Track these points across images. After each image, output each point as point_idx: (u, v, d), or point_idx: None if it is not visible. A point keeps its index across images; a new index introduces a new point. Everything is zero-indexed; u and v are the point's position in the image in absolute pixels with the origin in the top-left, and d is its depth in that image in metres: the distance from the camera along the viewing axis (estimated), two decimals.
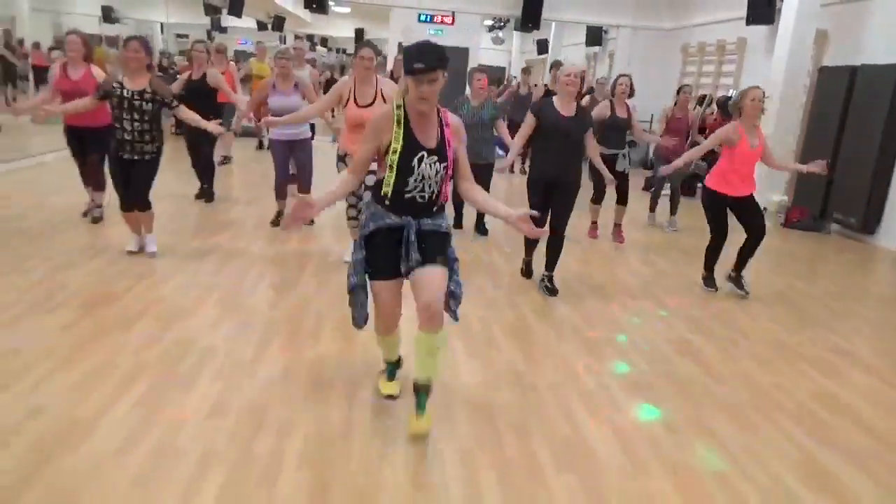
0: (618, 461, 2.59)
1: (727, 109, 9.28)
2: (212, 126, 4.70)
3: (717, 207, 4.79)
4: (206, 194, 6.68)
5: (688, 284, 5.11)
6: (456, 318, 2.73)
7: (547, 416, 2.90)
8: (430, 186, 2.52)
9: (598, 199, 6.33)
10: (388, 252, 2.57)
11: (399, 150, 2.47)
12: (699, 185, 9.35)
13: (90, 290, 3.96)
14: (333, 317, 3.79)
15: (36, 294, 3.81)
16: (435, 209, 2.61)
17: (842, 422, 3.09)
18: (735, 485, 2.49)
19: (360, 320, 2.73)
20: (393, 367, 2.99)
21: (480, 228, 6.22)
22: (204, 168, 6.68)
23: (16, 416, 2.55)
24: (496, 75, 20.01)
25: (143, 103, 4.37)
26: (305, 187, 5.77)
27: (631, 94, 6.16)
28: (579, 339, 3.84)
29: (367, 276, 2.65)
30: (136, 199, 4.54)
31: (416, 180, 2.49)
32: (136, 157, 4.43)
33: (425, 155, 2.49)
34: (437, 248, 2.58)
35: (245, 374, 3.07)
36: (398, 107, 2.50)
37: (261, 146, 10.28)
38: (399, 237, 2.55)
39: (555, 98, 4.49)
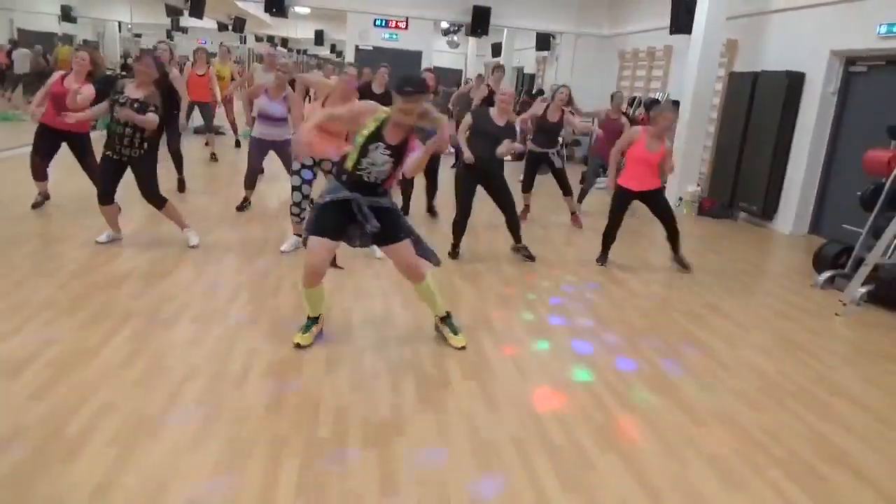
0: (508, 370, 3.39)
1: (653, 108, 10.35)
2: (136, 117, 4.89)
3: (620, 199, 5.55)
4: (179, 184, 7.18)
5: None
6: (436, 263, 3.61)
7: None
8: (377, 171, 3.24)
9: (526, 186, 7.17)
10: (334, 217, 3.28)
11: (367, 134, 3.19)
12: None
13: (82, 263, 4.60)
14: (291, 277, 4.51)
15: (36, 262, 4.45)
16: (379, 191, 3.33)
17: (692, 351, 3.95)
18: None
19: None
20: (312, 323, 3.51)
21: (431, 211, 7.01)
22: (174, 158, 7.16)
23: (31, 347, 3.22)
24: (454, 78, 20.87)
25: (136, 111, 4.65)
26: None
27: (568, 104, 6.99)
28: (496, 297, 4.64)
29: (308, 233, 3.32)
30: (148, 199, 4.96)
31: (368, 162, 3.20)
32: (124, 158, 4.77)
33: (382, 146, 3.22)
34: (397, 227, 3.41)
35: (218, 319, 3.77)
36: (385, 112, 3.23)
37: (238, 144, 10.82)
38: (348, 210, 3.25)
39: (492, 109, 5.32)
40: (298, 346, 3.44)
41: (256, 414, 2.78)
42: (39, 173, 5.86)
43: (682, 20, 9.88)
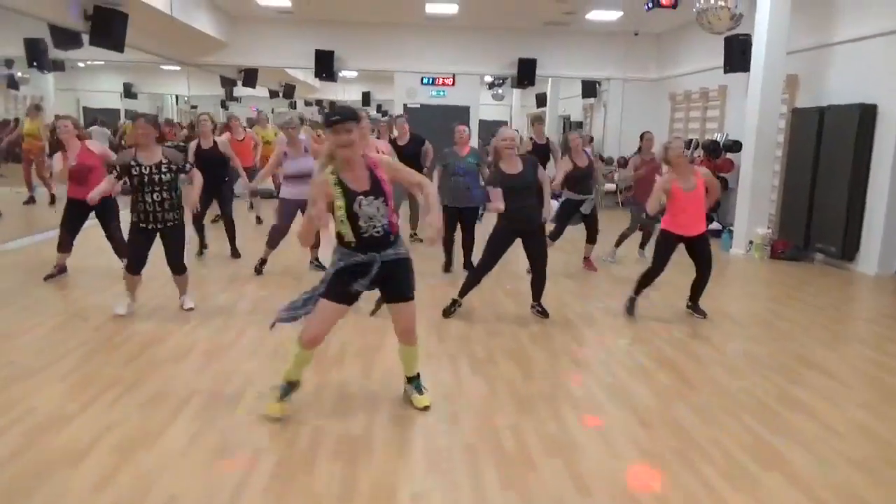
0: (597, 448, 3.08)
1: (711, 150, 10.03)
2: (189, 209, 5.16)
3: (668, 244, 5.20)
4: (233, 253, 7.24)
5: (670, 309, 5.62)
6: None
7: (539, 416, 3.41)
8: (379, 221, 3.07)
9: (554, 236, 6.93)
10: (346, 284, 3.12)
11: (340, 202, 3.02)
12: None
13: (144, 336, 4.54)
14: (355, 343, 4.34)
15: (99, 337, 4.40)
16: (392, 239, 3.17)
17: (796, 415, 3.56)
18: (695, 463, 2.97)
19: (288, 320, 3.24)
20: (289, 389, 3.32)
21: (468, 265, 6.78)
22: (226, 224, 7.25)
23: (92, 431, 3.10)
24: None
25: (161, 175, 4.70)
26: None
27: (586, 144, 6.86)
28: (569, 359, 4.36)
29: (321, 296, 3.14)
30: (173, 265, 4.97)
31: (365, 221, 3.04)
32: (158, 226, 4.79)
33: (362, 198, 3.05)
34: (405, 285, 3.26)
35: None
36: (332, 172, 3.06)
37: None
38: (364, 271, 3.12)
39: (501, 163, 4.94)
40: (276, 418, 3.26)
41: None
42: (65, 245, 5.97)
43: (736, 59, 9.66)
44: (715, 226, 9.94)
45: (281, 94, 22.48)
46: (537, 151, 8.85)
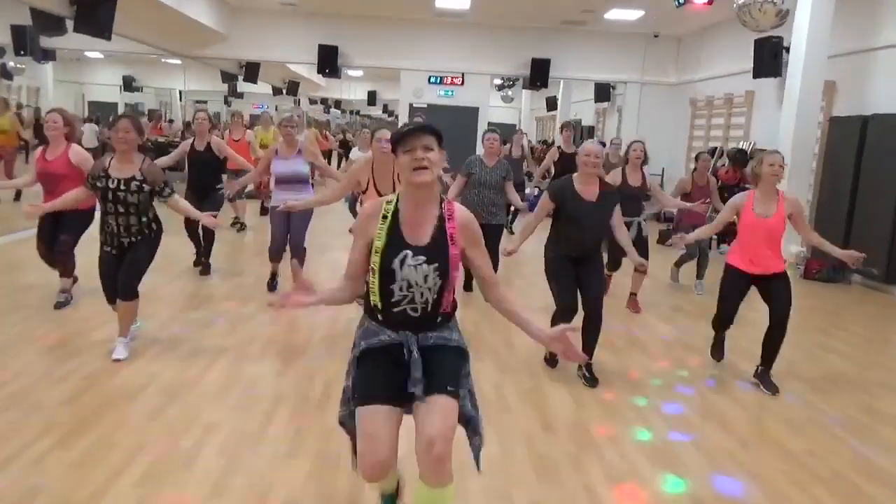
0: None
1: (738, 160, 9.35)
2: (206, 219, 4.28)
3: (733, 282, 4.19)
4: (203, 266, 6.42)
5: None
6: (479, 466, 2.21)
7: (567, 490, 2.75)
8: (421, 295, 2.05)
9: (613, 266, 6.08)
10: (383, 371, 2.07)
11: (381, 248, 2.05)
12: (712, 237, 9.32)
13: (92, 366, 3.90)
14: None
15: (38, 367, 3.76)
16: (439, 320, 2.13)
17: (879, 489, 2.90)
18: None
19: (351, 420, 2.16)
20: (390, 500, 2.38)
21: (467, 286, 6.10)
22: (205, 236, 6.43)
23: (13, 496, 2.46)
24: (509, 133, 20.32)
25: (129, 194, 3.82)
26: (296, 253, 5.65)
27: (645, 162, 5.91)
28: (596, 403, 3.70)
29: (353, 405, 2.11)
30: (124, 286, 3.92)
31: (400, 288, 2.04)
32: (116, 253, 3.97)
33: (409, 255, 2.04)
34: (446, 372, 2.07)
35: (249, 447, 2.96)
36: (389, 202, 2.12)
37: (264, 211, 10.26)
38: (397, 357, 2.07)
39: (575, 177, 4.03)
40: None
41: None
42: (54, 264, 5.11)
43: (766, 63, 9.05)
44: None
45: (284, 91, 21.88)
46: (565, 161, 8.20)
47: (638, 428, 3.41)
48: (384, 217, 2.08)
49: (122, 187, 3.83)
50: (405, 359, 2.05)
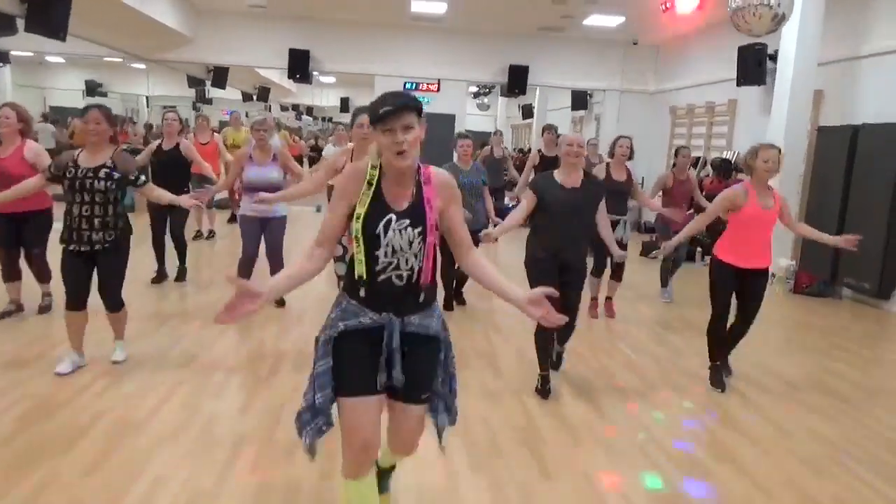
0: None
1: (722, 170, 9.14)
2: (185, 200, 4.10)
3: (724, 280, 4.12)
4: (179, 273, 6.23)
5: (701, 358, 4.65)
6: (441, 442, 2.23)
7: None
8: (406, 262, 1.99)
9: (598, 271, 5.82)
10: (363, 358, 2.01)
11: (363, 215, 1.98)
12: (699, 249, 9.13)
13: (26, 396, 3.42)
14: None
15: None
16: (421, 299, 2.06)
17: None
18: None
19: (313, 449, 2.06)
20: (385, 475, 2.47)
21: (458, 298, 5.83)
22: (176, 245, 6.23)
23: None
24: (481, 140, 20.01)
25: (97, 181, 3.65)
26: (275, 267, 5.27)
27: (630, 157, 5.81)
28: (596, 443, 3.34)
29: (333, 397, 2.04)
30: (104, 299, 3.86)
31: (385, 254, 1.98)
32: (82, 249, 3.71)
33: (394, 219, 1.98)
34: (423, 376, 2.10)
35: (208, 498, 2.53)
36: (374, 167, 2.03)
37: (233, 219, 9.86)
38: (376, 341, 2.01)
39: (556, 171, 3.95)
40: None
41: None
42: (7, 271, 4.79)
43: (751, 71, 8.85)
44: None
45: (254, 97, 21.32)
46: (546, 164, 7.89)
47: (647, 473, 3.04)
48: (369, 183, 2.02)
49: (90, 175, 3.66)
50: (385, 345, 2.02)
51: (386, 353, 2.00)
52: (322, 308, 4.84)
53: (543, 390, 3.90)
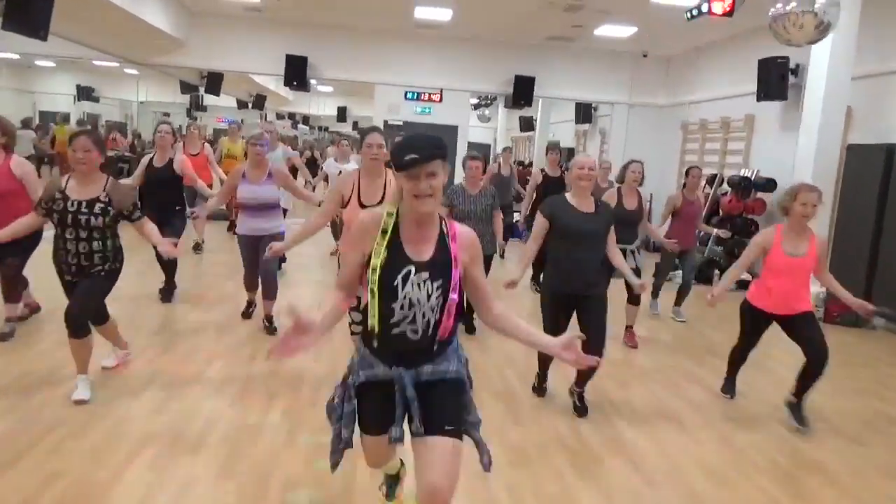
0: None
1: (741, 188, 8.69)
2: (165, 247, 3.72)
3: (754, 321, 4.03)
4: (165, 292, 5.73)
5: (756, 409, 4.15)
6: (488, 469, 2.13)
7: None
8: (423, 316, 1.92)
9: (635, 298, 5.43)
10: (376, 407, 2.04)
11: (379, 265, 1.90)
12: (716, 271, 8.67)
13: None
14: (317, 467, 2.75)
15: None
16: (436, 348, 1.99)
17: None
18: None
19: (335, 466, 2.16)
20: (392, 483, 2.51)
21: (468, 328, 5.38)
22: (165, 261, 5.72)
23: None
24: (482, 153, 19.57)
25: (93, 217, 3.41)
26: (268, 293, 5.01)
27: (641, 183, 5.47)
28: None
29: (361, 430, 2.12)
30: (70, 320, 3.41)
31: (402, 308, 1.91)
32: (77, 280, 3.48)
33: (413, 271, 1.91)
34: (446, 409, 1.99)
35: None
36: (389, 214, 1.97)
37: (231, 227, 9.39)
38: (390, 392, 1.99)
39: (568, 194, 3.81)
40: None
41: None
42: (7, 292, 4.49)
43: (773, 85, 8.43)
44: (744, 276, 8.59)
45: (250, 105, 20.81)
46: (550, 186, 7.41)
47: None
48: (384, 232, 1.94)
49: (85, 209, 3.41)
50: (398, 400, 1.98)
51: (402, 405, 1.97)
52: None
53: (540, 388, 4.09)
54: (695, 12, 6.37)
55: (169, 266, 5.68)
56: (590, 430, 3.65)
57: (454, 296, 1.94)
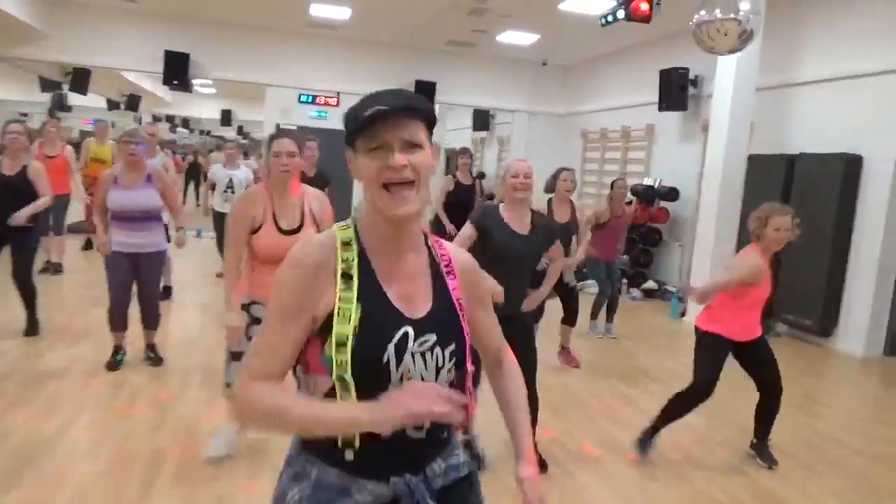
0: None
1: (646, 197, 8.74)
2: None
3: (717, 355, 3.46)
4: (29, 326, 4.85)
5: (710, 443, 3.92)
6: None
7: None
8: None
9: (571, 319, 5.21)
10: None
11: (351, 335, 1.13)
12: (623, 280, 8.64)
13: None
14: None
15: None
16: (445, 435, 1.29)
17: None
18: None
19: None
20: None
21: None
22: (23, 292, 4.83)
23: None
24: None
25: None
26: (150, 322, 4.28)
27: (572, 192, 5.14)
28: None
29: None
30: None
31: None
32: None
33: (411, 334, 1.17)
34: None
35: None
36: (346, 243, 1.20)
37: (88, 245, 8.32)
38: None
39: (502, 206, 3.24)
40: None
41: None
42: None
43: (674, 96, 8.55)
44: (650, 284, 8.65)
45: (122, 106, 19.07)
46: (461, 194, 7.02)
47: None
48: (345, 275, 1.17)
49: None
50: None
51: None
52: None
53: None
54: (610, 18, 6.20)
55: (26, 293, 4.79)
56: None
57: (468, 364, 1.28)
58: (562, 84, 12.33)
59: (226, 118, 22.83)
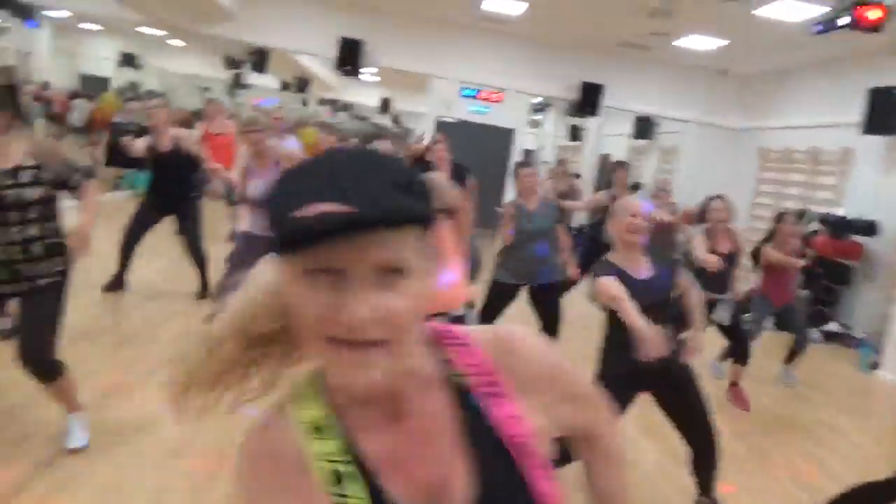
0: None
1: (838, 230, 7.74)
2: (75, 240, 2.63)
3: None
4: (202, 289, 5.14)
5: None
6: None
7: None
8: None
9: (743, 358, 4.67)
10: None
11: None
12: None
13: None
14: None
15: None
16: None
17: None
18: None
19: None
20: None
21: None
22: (196, 259, 5.08)
23: None
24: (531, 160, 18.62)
25: (21, 190, 2.45)
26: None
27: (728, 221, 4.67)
28: None
29: None
30: (29, 355, 2.51)
31: None
32: (10, 291, 2.50)
33: None
34: None
35: None
36: (318, 430, 0.76)
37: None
38: None
39: (613, 256, 2.84)
40: None
41: None
42: None
43: (881, 117, 7.48)
44: (832, 327, 7.66)
45: (294, 88, 20.13)
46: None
47: None
48: (334, 476, 0.72)
49: (9, 182, 2.43)
50: None
51: None
52: None
53: None
54: (823, 27, 5.46)
55: (198, 260, 5.01)
56: None
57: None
58: (739, 95, 11.33)
59: (384, 106, 23.49)
